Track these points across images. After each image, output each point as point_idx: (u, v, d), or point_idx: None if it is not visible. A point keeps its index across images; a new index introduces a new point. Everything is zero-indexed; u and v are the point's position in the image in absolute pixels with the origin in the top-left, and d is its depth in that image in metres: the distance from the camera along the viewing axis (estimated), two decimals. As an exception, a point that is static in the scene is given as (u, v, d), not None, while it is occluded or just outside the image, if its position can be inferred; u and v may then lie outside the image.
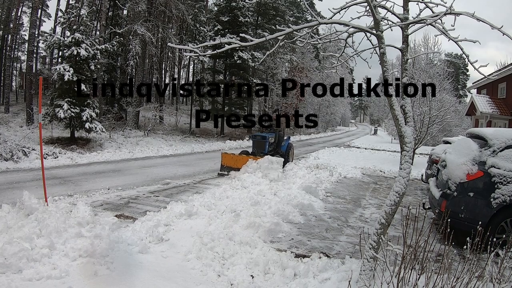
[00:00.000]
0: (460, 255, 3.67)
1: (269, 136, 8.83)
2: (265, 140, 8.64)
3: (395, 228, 4.49)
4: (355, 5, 3.04)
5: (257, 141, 8.84)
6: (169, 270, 3.12)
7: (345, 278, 2.85)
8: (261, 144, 8.68)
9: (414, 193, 7.50)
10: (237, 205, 4.94)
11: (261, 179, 6.74)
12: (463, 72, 53.20)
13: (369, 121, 78.05)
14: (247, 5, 20.86)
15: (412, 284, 2.32)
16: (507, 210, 3.78)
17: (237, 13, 20.70)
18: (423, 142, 12.36)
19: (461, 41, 3.00)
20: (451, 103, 14.38)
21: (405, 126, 3.01)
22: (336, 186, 7.50)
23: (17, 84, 27.40)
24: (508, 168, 3.83)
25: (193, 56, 9.71)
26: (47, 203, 3.94)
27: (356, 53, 3.81)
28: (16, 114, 16.87)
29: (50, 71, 18.14)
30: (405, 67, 3.17)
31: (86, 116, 11.19)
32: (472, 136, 4.82)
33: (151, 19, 16.71)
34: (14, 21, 21.04)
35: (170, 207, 4.71)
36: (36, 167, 8.00)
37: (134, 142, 14.28)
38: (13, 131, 12.91)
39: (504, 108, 15.39)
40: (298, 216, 4.85)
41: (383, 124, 36.38)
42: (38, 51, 24.09)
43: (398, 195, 2.89)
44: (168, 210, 4.62)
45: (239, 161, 8.08)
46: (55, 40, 12.28)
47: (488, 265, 2.34)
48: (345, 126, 63.43)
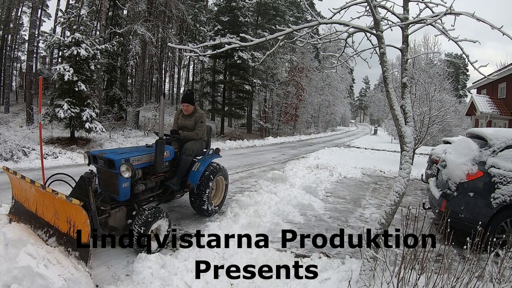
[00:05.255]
0: (460, 255, 3.67)
1: (134, 157, 3.61)
2: (118, 172, 3.31)
3: (395, 228, 4.49)
4: (355, 5, 3.04)
5: (103, 171, 3.57)
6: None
7: (345, 278, 2.85)
8: (110, 178, 3.48)
9: (414, 193, 7.50)
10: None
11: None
12: (463, 72, 53.20)
13: (369, 121, 78.05)
14: (247, 5, 20.87)
15: (412, 284, 2.32)
16: (507, 210, 3.78)
17: (237, 13, 20.71)
18: (423, 142, 12.36)
19: (461, 41, 3.00)
20: (451, 103, 14.40)
21: (405, 126, 3.01)
22: (336, 186, 7.50)
23: (17, 84, 27.41)
24: (508, 168, 3.83)
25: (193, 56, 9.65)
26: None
27: (356, 53, 3.82)
28: (16, 114, 16.88)
29: (50, 71, 18.16)
30: (405, 67, 3.17)
31: (86, 116, 11.18)
32: (472, 136, 4.81)
33: (151, 19, 16.71)
34: (14, 21, 21.05)
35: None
36: (36, 167, 7.98)
37: (134, 142, 14.26)
38: (13, 131, 12.90)
39: (504, 108, 15.40)
40: (298, 216, 4.85)
41: (383, 124, 36.38)
42: (38, 51, 24.10)
43: (398, 195, 2.89)
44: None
45: (44, 202, 3.04)
46: (55, 40, 12.26)
47: (488, 265, 2.34)
48: (345, 126, 63.45)
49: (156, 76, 26.91)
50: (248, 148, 16.08)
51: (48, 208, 2.96)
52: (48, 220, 2.95)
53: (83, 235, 2.61)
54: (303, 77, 27.83)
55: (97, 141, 12.85)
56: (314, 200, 5.77)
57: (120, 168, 3.27)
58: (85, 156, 3.62)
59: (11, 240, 2.70)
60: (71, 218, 2.71)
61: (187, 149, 4.35)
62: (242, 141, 17.90)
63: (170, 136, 4.49)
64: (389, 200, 2.91)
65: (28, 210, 3.23)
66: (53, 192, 2.67)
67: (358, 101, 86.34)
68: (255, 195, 5.53)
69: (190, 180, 4.37)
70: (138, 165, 3.64)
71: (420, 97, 12.18)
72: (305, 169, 9.11)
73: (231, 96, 22.15)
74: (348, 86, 55.97)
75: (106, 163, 3.42)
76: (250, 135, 23.91)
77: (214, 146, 5.24)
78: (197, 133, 4.56)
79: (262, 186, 6.29)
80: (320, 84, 37.28)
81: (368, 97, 79.51)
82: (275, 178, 6.90)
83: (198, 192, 4.41)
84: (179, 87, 30.37)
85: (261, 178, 7.30)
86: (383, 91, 23.02)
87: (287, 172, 8.43)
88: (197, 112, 4.65)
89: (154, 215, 3.26)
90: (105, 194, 3.47)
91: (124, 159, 3.41)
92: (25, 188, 3.25)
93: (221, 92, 22.83)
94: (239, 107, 22.48)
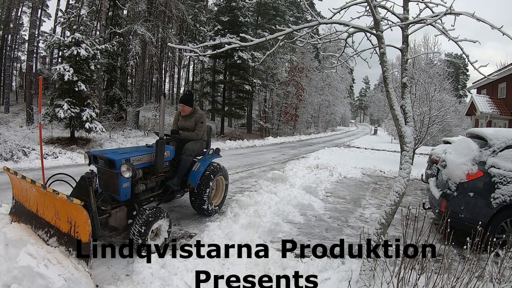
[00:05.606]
0: (460, 255, 3.67)
1: (135, 157, 3.61)
2: (118, 172, 3.31)
3: (395, 228, 4.49)
4: (355, 5, 3.04)
5: (103, 171, 3.59)
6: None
7: (345, 278, 2.85)
8: (111, 178, 3.49)
9: (414, 193, 7.50)
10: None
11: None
12: (463, 72, 53.23)
13: (369, 121, 78.08)
14: (247, 5, 20.88)
15: (412, 284, 2.32)
16: (507, 210, 3.78)
17: (237, 13, 20.71)
18: (423, 142, 12.37)
19: (461, 41, 3.00)
20: (451, 103, 14.39)
21: (405, 126, 3.01)
22: (336, 186, 7.50)
23: (17, 84, 27.43)
24: (508, 168, 3.83)
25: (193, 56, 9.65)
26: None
27: (356, 53, 3.82)
28: (16, 114, 16.88)
29: (50, 71, 18.16)
30: (405, 67, 3.17)
31: (86, 116, 11.18)
32: (472, 136, 4.82)
33: (151, 19, 16.71)
34: (14, 21, 21.05)
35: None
36: (36, 167, 7.98)
37: (134, 142, 14.26)
38: (13, 131, 12.91)
39: (504, 108, 15.40)
40: (298, 216, 4.85)
41: (383, 124, 36.39)
42: (38, 51, 24.11)
43: (398, 195, 2.89)
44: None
45: (45, 203, 3.03)
46: (55, 40, 12.27)
47: (488, 265, 2.34)
48: (345, 126, 63.47)
49: (156, 76, 26.91)
50: (248, 148, 16.08)
51: (48, 208, 2.94)
52: (48, 220, 2.93)
53: (84, 234, 2.60)
54: (303, 77, 27.84)
55: (97, 141, 12.86)
56: (314, 200, 5.77)
57: (120, 168, 3.26)
58: (85, 156, 3.61)
59: (11, 240, 2.71)
60: (72, 218, 2.69)
61: (188, 149, 4.34)
62: (242, 141, 17.91)
63: (170, 136, 4.48)
64: (389, 200, 2.91)
65: (29, 210, 3.22)
66: (54, 192, 2.65)
67: (358, 101, 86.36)
68: (255, 195, 5.53)
69: (190, 180, 4.36)
70: (139, 165, 3.64)
71: (420, 97, 12.18)
72: (305, 169, 9.11)
73: (231, 96, 22.15)
74: (348, 86, 55.99)
75: (106, 163, 3.40)
76: (250, 135, 23.91)
77: (214, 146, 5.24)
78: (197, 133, 4.56)
79: (262, 186, 6.29)
80: (320, 84, 37.29)
81: (368, 97, 79.54)
82: (275, 178, 6.90)
83: (198, 192, 4.40)
84: (179, 87, 30.37)
85: (261, 178, 7.30)
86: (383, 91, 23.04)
87: (287, 172, 8.43)
88: (197, 112, 4.63)
89: (154, 215, 3.26)
90: (106, 194, 3.45)
91: (125, 159, 3.41)
92: (26, 188, 3.23)
93: (221, 92, 22.84)
94: (239, 107, 22.49)
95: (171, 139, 4.41)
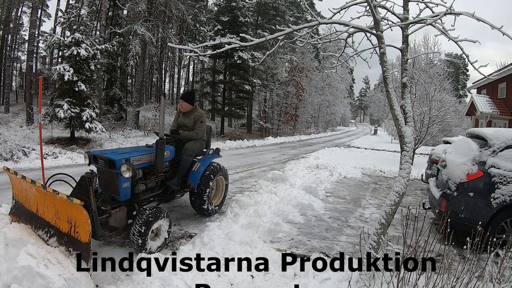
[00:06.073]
0: (460, 255, 3.67)
1: (135, 157, 3.60)
2: (118, 172, 3.31)
3: (395, 228, 4.49)
4: (355, 5, 3.04)
5: (103, 171, 3.57)
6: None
7: (345, 278, 2.85)
8: (111, 178, 3.48)
9: (414, 193, 7.50)
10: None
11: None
12: (463, 72, 53.24)
13: (369, 121, 78.08)
14: (247, 5, 20.88)
15: (412, 284, 2.32)
16: (507, 210, 3.78)
17: (237, 13, 20.71)
18: (423, 142, 12.36)
19: (461, 41, 3.01)
20: (451, 103, 14.39)
21: (405, 126, 3.01)
22: (336, 186, 7.50)
23: (17, 84, 27.44)
24: (508, 168, 3.83)
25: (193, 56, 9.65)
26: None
27: (356, 53, 3.82)
28: (16, 114, 16.88)
29: (50, 71, 18.16)
30: (405, 67, 3.17)
31: (86, 116, 11.18)
32: (472, 136, 4.82)
33: (151, 19, 16.71)
34: (14, 21, 21.06)
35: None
36: (36, 167, 7.98)
37: (134, 142, 14.26)
38: (13, 131, 12.91)
39: (504, 108, 15.41)
40: (298, 216, 4.85)
41: (383, 124, 36.38)
42: (38, 51, 24.12)
43: (398, 195, 2.89)
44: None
45: (45, 203, 3.02)
46: (55, 40, 12.27)
47: (488, 265, 2.34)
48: (345, 126, 63.48)
49: (156, 76, 26.91)
50: (248, 148, 16.08)
51: (48, 208, 2.93)
52: (48, 220, 2.93)
53: (84, 234, 2.59)
54: (303, 77, 27.84)
55: (97, 141, 12.86)
56: (314, 200, 5.77)
57: (120, 168, 3.26)
58: (85, 156, 3.61)
59: (11, 240, 2.70)
60: (72, 218, 2.69)
61: (187, 149, 4.33)
62: (242, 141, 17.91)
63: (170, 136, 4.47)
64: (389, 200, 2.91)
65: (29, 210, 3.21)
66: (54, 192, 2.65)
67: (358, 101, 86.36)
68: (255, 195, 5.53)
69: (190, 180, 4.36)
70: (139, 165, 3.63)
71: (420, 97, 12.18)
72: (305, 169, 9.11)
73: (231, 96, 22.15)
74: (348, 86, 55.99)
75: (106, 163, 3.40)
76: (250, 135, 23.91)
77: (214, 146, 5.24)
78: (197, 133, 4.54)
79: (262, 186, 6.29)
80: (320, 84, 37.29)
81: (368, 97, 79.53)
82: (275, 178, 6.90)
83: (198, 192, 4.40)
84: (179, 87, 30.39)
85: (261, 178, 7.30)
86: (383, 91, 23.02)
87: (287, 172, 8.43)
88: (196, 111, 4.61)
89: (154, 215, 3.26)
90: (106, 194, 3.43)
91: (125, 159, 3.40)
92: (26, 188, 3.21)
93: (221, 92, 22.84)
94: (239, 107, 22.49)
95: (171, 139, 4.41)
